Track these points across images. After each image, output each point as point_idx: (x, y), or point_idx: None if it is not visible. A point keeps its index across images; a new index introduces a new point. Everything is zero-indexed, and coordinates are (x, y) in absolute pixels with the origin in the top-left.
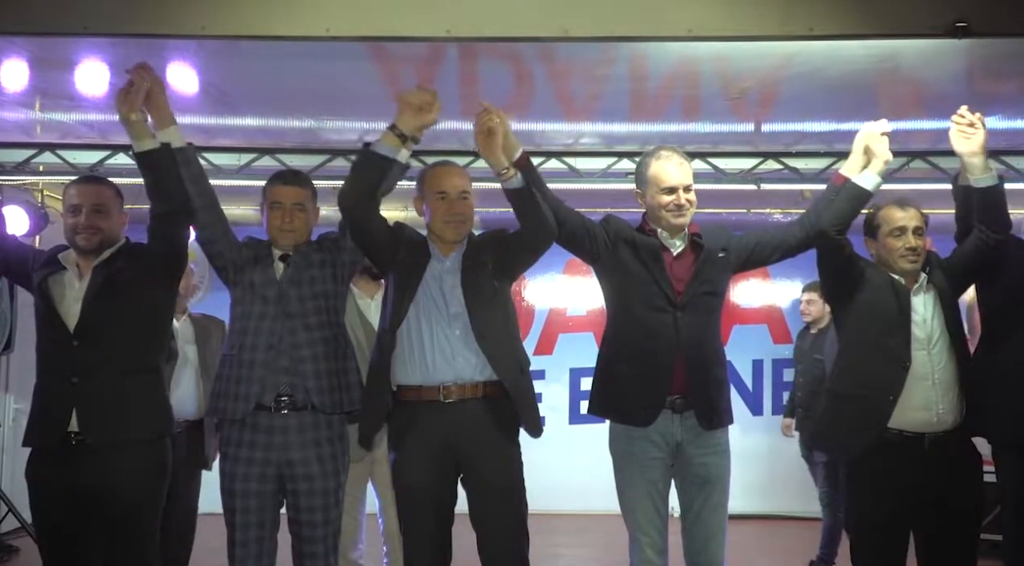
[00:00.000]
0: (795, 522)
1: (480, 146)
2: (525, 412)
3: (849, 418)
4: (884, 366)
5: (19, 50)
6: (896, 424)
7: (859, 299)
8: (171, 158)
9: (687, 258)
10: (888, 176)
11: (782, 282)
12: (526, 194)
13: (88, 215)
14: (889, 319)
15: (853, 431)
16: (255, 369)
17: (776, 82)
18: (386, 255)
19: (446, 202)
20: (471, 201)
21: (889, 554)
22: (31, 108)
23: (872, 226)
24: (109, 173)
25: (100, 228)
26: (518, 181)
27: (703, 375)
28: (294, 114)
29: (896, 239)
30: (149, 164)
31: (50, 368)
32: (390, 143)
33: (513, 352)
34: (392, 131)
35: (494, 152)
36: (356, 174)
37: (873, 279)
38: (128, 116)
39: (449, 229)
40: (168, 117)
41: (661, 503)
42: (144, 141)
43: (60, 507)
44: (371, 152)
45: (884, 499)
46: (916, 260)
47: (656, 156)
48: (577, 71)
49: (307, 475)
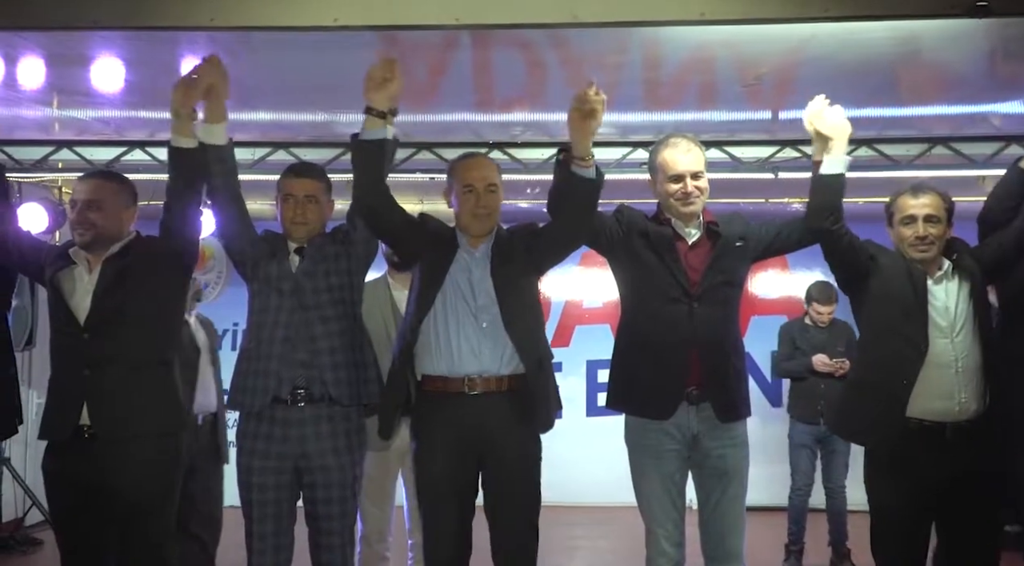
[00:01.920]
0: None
1: (573, 125)
2: (536, 406)
3: (869, 406)
4: (902, 351)
5: (34, 47)
6: (917, 413)
7: (874, 288)
8: (202, 159)
9: (703, 248)
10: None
11: (801, 272)
12: (595, 187)
13: (81, 210)
14: (905, 306)
15: (873, 419)
16: (272, 362)
17: (792, 67)
18: (408, 245)
19: (473, 195)
20: (499, 194)
21: (910, 544)
22: (49, 105)
23: (889, 213)
24: (125, 169)
25: (94, 223)
26: (593, 171)
27: (720, 367)
28: (307, 108)
29: (906, 227)
30: (179, 160)
31: (62, 362)
32: (372, 125)
33: (536, 345)
34: (369, 114)
35: (585, 136)
36: (358, 166)
37: (888, 266)
38: (179, 111)
39: (476, 223)
40: (222, 113)
41: (677, 495)
42: (182, 138)
43: (74, 500)
44: (360, 141)
45: (906, 489)
46: (926, 249)
47: (665, 144)
48: (590, 59)
49: (323, 467)
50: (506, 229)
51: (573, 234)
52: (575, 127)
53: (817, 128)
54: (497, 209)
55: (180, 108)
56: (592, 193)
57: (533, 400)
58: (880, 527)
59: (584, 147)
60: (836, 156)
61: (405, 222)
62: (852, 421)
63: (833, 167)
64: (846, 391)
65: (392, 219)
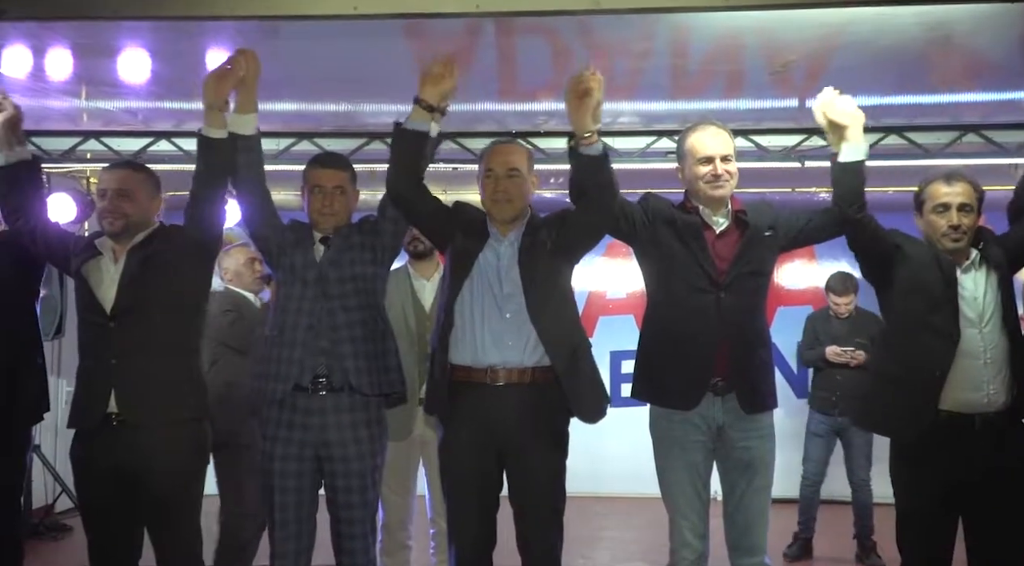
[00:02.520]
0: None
1: (571, 106)
2: (576, 397)
3: (899, 399)
4: (932, 343)
5: (61, 38)
6: (946, 405)
7: (901, 278)
8: (230, 149)
9: (731, 236)
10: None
11: (828, 263)
12: (603, 161)
13: (112, 199)
14: (934, 296)
15: (904, 412)
16: (295, 350)
17: (822, 54)
18: (441, 234)
19: (492, 180)
20: (522, 180)
21: (937, 537)
22: (77, 96)
23: (919, 200)
24: (151, 159)
25: (124, 212)
26: (599, 148)
27: (746, 358)
28: (331, 98)
29: (939, 216)
30: (208, 150)
31: (90, 350)
32: (419, 117)
33: (568, 336)
34: (419, 105)
35: (583, 114)
36: (395, 154)
37: (915, 255)
38: (212, 102)
39: (495, 208)
40: (252, 104)
41: (702, 487)
42: (213, 128)
43: (102, 486)
44: (403, 129)
45: (933, 482)
46: (959, 239)
47: (694, 128)
48: (615, 47)
49: (344, 457)
50: (538, 217)
51: (596, 217)
52: (572, 106)
53: (830, 118)
54: (519, 195)
55: (213, 99)
56: (602, 170)
57: (571, 391)
58: (906, 520)
59: (582, 125)
60: (853, 143)
61: (437, 210)
62: (878, 413)
63: (851, 154)
64: (872, 383)
65: (423, 207)
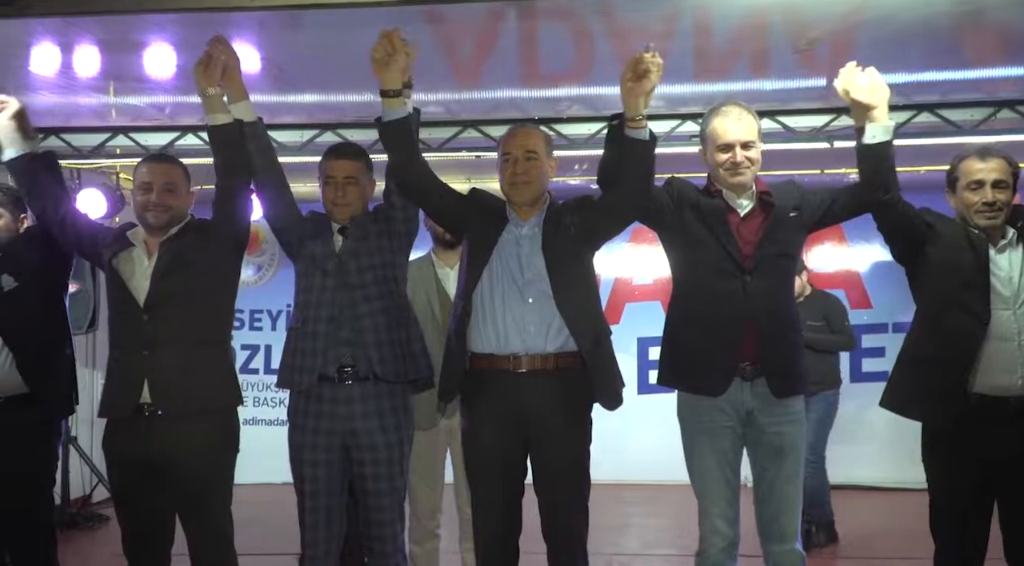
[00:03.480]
0: (873, 492)
1: (626, 86)
2: (600, 384)
3: (930, 382)
4: (963, 323)
5: (87, 35)
6: (979, 388)
7: (932, 257)
8: (241, 133)
9: (756, 219)
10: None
11: (859, 245)
12: (650, 146)
13: (159, 193)
14: (966, 275)
15: (934, 396)
16: (318, 341)
17: (849, 30)
18: (455, 219)
19: (510, 163)
20: (541, 162)
21: (972, 523)
22: (105, 92)
23: (952, 178)
24: (179, 154)
25: (170, 206)
26: (646, 133)
27: (775, 342)
28: (353, 88)
29: (973, 193)
30: (220, 138)
31: (122, 342)
32: (391, 106)
33: (592, 322)
34: (384, 96)
35: (637, 96)
36: (388, 147)
37: (946, 234)
38: (206, 90)
39: (514, 191)
40: (242, 91)
41: (731, 473)
42: (218, 115)
43: (134, 476)
44: (385, 124)
45: (965, 466)
46: (994, 216)
47: (717, 112)
48: (637, 28)
49: (371, 445)
50: (559, 202)
51: (630, 204)
52: (628, 87)
53: (854, 97)
54: (538, 178)
55: (206, 88)
56: (647, 156)
57: (596, 376)
58: (939, 506)
59: (635, 106)
60: (878, 124)
61: (449, 196)
62: (908, 397)
63: (876, 135)
64: (900, 365)
65: (432, 193)
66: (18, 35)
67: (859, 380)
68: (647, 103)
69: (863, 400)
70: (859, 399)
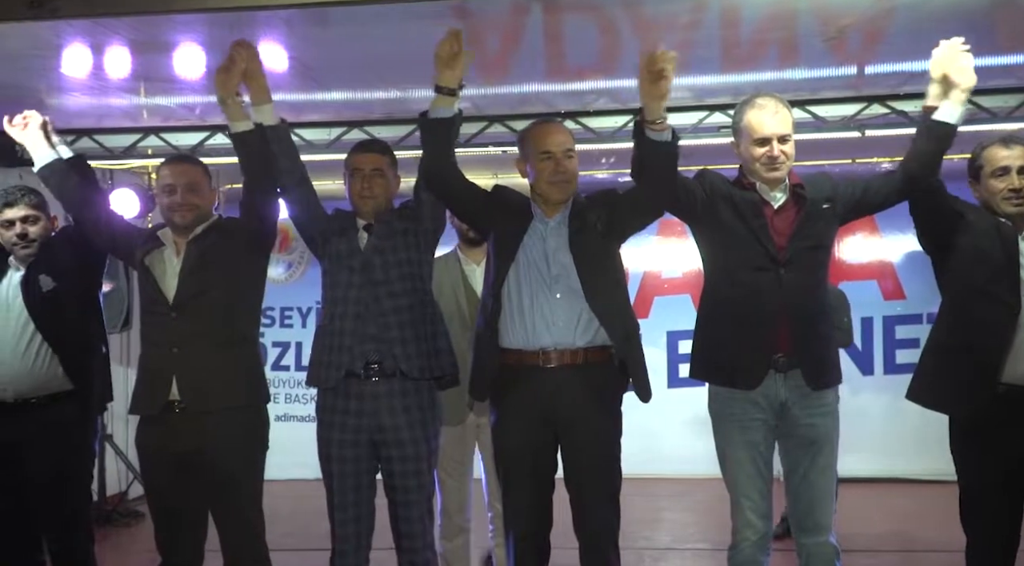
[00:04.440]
0: (909, 485)
1: (643, 88)
2: (634, 374)
3: (958, 372)
4: (992, 313)
5: (117, 36)
6: (1008, 379)
7: (961, 246)
8: (262, 139)
9: (789, 211)
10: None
11: (893, 236)
12: (670, 151)
13: (183, 193)
14: (995, 265)
15: (964, 386)
16: (345, 337)
17: (879, 17)
18: (481, 217)
19: (551, 161)
20: (576, 160)
21: (1001, 515)
22: (136, 93)
23: (975, 167)
24: (209, 153)
25: (196, 205)
26: (667, 134)
27: (810, 334)
28: (380, 85)
29: (999, 180)
30: (242, 144)
31: (152, 339)
32: (441, 104)
33: (622, 316)
34: (440, 92)
35: (655, 98)
36: (427, 145)
37: (976, 223)
38: (225, 99)
39: (555, 190)
40: (264, 94)
41: (764, 466)
42: (238, 123)
43: (165, 472)
44: (431, 120)
45: (995, 459)
46: (1021, 203)
47: (751, 104)
48: (663, 20)
49: (398, 441)
50: (584, 197)
51: (654, 201)
52: (645, 90)
53: (947, 72)
54: (576, 175)
55: (225, 96)
56: (668, 158)
57: (633, 367)
58: (969, 499)
59: (654, 110)
60: (955, 104)
61: (476, 194)
62: (935, 388)
63: (951, 115)
64: (927, 356)
65: (461, 191)
66: (48, 37)
67: (892, 372)
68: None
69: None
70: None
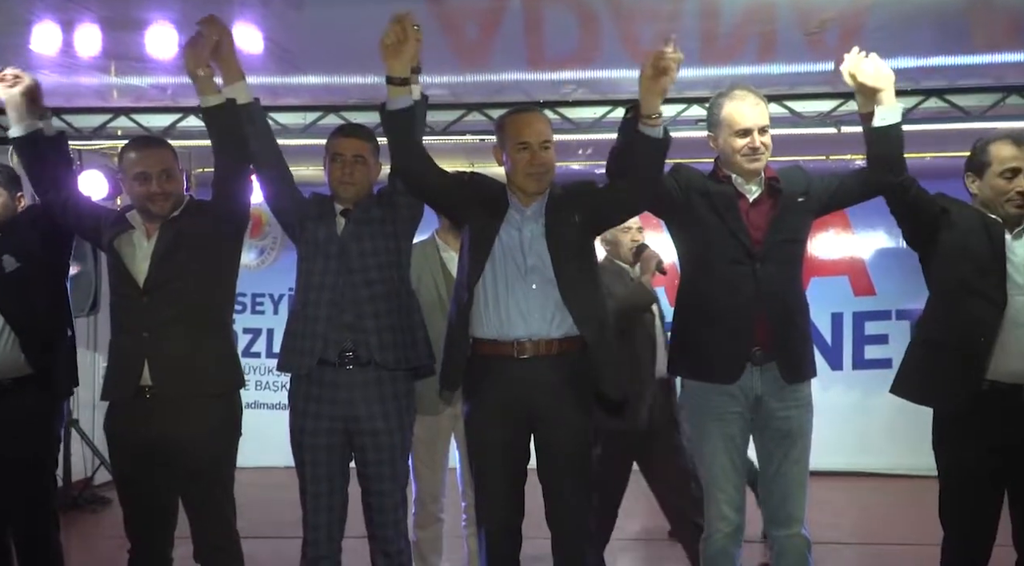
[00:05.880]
0: (877, 479)
1: (644, 83)
2: (604, 370)
3: (945, 368)
4: (979, 309)
5: (88, 13)
6: (993, 375)
7: (946, 242)
8: (236, 114)
9: (764, 205)
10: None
11: (864, 232)
12: (663, 147)
13: (160, 182)
14: (982, 262)
15: (949, 382)
16: (319, 324)
17: (858, 13)
18: (455, 207)
19: (528, 152)
20: (552, 151)
21: (982, 510)
22: (106, 72)
23: (979, 162)
24: (181, 135)
25: (171, 192)
26: (661, 131)
27: (786, 327)
28: (357, 70)
29: (1006, 181)
30: (214, 120)
31: (123, 324)
32: (397, 94)
33: (596, 308)
34: (391, 83)
35: (655, 94)
36: (390, 136)
37: (962, 220)
38: (195, 71)
39: (531, 181)
40: (236, 72)
41: (739, 458)
42: (210, 97)
43: (136, 459)
44: (389, 112)
45: (977, 454)
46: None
47: (730, 96)
48: (643, 10)
49: (372, 431)
50: (560, 187)
51: (636, 197)
52: (646, 86)
53: (860, 81)
54: (553, 167)
55: (195, 69)
56: (658, 154)
57: (601, 363)
58: (949, 493)
59: (653, 105)
60: (887, 106)
61: (448, 182)
62: (920, 382)
63: (887, 117)
64: (913, 350)
65: (432, 180)
66: (18, 12)
67: (862, 367)
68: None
69: (866, 387)
70: (862, 386)
